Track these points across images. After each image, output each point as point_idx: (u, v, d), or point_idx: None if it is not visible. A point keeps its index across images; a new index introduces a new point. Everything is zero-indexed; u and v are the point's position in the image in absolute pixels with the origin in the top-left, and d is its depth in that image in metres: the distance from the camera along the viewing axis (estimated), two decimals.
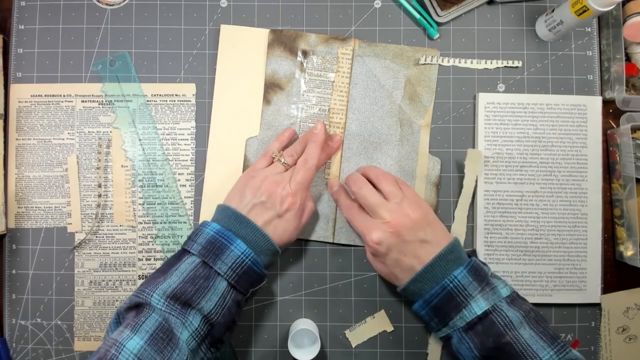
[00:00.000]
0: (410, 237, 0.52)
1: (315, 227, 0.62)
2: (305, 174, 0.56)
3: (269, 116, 0.63)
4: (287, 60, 0.63)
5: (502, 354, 0.47)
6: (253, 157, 0.62)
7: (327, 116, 0.63)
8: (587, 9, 0.55)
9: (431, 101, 0.63)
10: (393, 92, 0.63)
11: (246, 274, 0.52)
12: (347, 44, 0.63)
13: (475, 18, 0.64)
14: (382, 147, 0.63)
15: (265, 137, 0.63)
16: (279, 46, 0.63)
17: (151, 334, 0.45)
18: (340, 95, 0.63)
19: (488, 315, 0.48)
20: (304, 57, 0.63)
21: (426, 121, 0.63)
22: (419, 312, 0.52)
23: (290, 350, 0.57)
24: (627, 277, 0.63)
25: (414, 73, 0.63)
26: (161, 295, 0.48)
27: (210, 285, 0.50)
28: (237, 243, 0.51)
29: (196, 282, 0.49)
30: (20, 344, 0.62)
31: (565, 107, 0.62)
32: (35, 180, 0.63)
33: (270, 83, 0.63)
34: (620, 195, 0.62)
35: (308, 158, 0.57)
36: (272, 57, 0.63)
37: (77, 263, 0.63)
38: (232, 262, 0.51)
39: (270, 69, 0.63)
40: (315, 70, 0.63)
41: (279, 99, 0.63)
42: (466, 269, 0.50)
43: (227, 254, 0.51)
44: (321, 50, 0.63)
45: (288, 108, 0.63)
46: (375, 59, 0.63)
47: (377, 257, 0.54)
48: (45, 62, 0.64)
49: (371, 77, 0.63)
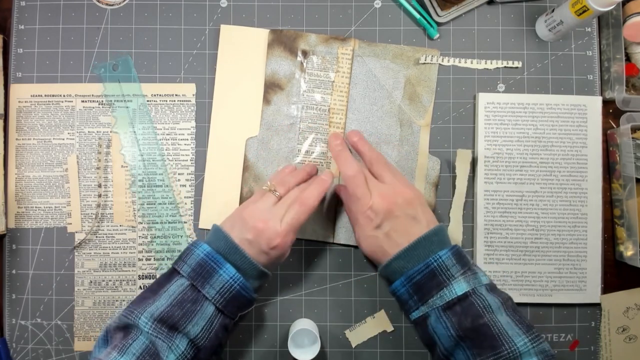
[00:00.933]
0: (401, 213, 0.52)
1: (315, 227, 0.62)
2: (300, 214, 0.53)
3: (268, 116, 0.63)
4: (287, 60, 0.63)
5: (478, 335, 0.47)
6: (253, 157, 0.62)
7: (327, 116, 0.63)
8: (587, 9, 0.55)
9: (431, 101, 0.63)
10: (393, 92, 0.63)
11: (235, 298, 0.51)
12: (347, 44, 0.63)
13: (475, 18, 0.64)
14: (381, 147, 0.63)
15: (265, 137, 0.63)
16: (279, 46, 0.63)
17: (137, 356, 0.46)
18: (340, 95, 0.63)
19: (468, 297, 0.49)
20: (304, 57, 0.63)
21: (426, 121, 0.63)
22: (398, 291, 0.51)
23: (290, 350, 0.57)
24: (627, 277, 0.63)
25: (414, 73, 0.63)
26: (149, 318, 0.48)
27: (198, 310, 0.49)
28: (226, 267, 0.51)
29: (184, 305, 0.49)
30: (20, 344, 0.62)
31: (565, 107, 0.62)
32: (35, 180, 0.63)
33: (270, 83, 0.63)
34: (620, 195, 0.62)
35: (308, 198, 0.54)
36: (272, 57, 0.63)
37: (77, 263, 0.63)
38: (221, 287, 0.50)
39: (270, 69, 0.63)
40: (315, 70, 0.63)
41: (279, 99, 0.63)
42: (451, 251, 0.50)
43: (216, 278, 0.50)
44: (321, 50, 0.63)
45: (288, 108, 0.63)
46: (375, 59, 0.63)
47: (368, 227, 0.53)
48: (45, 62, 0.64)
49: (371, 77, 0.63)
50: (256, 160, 0.62)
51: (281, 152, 0.63)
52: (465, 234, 0.63)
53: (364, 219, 0.54)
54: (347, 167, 0.55)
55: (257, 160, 0.62)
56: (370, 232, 0.53)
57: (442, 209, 0.63)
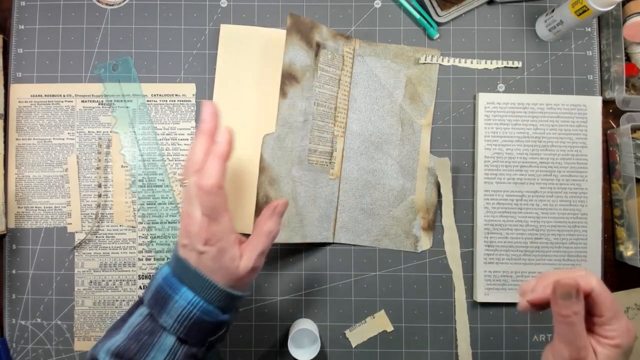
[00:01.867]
0: None
1: (316, 227, 0.62)
2: (206, 201, 0.44)
3: (285, 110, 0.59)
4: (303, 50, 0.59)
5: None
6: (269, 156, 0.58)
7: (333, 114, 0.62)
8: (587, 9, 0.55)
9: (432, 101, 0.63)
10: (394, 91, 0.63)
11: (197, 325, 0.44)
12: (350, 42, 0.63)
13: (475, 18, 0.64)
14: (383, 147, 0.63)
15: (281, 133, 0.59)
16: (297, 34, 0.59)
17: None
18: (344, 94, 0.62)
19: None
20: (317, 50, 0.60)
21: (427, 121, 0.63)
22: None
23: (290, 350, 0.57)
24: (627, 277, 0.63)
25: (414, 73, 0.63)
26: (106, 353, 0.44)
27: (155, 342, 0.44)
28: (182, 292, 0.44)
29: (140, 337, 0.44)
30: (20, 344, 0.62)
31: (565, 107, 0.62)
32: (35, 180, 0.63)
33: (287, 74, 0.58)
34: (620, 195, 0.62)
35: (204, 179, 0.45)
36: (291, 46, 0.58)
37: (77, 263, 0.63)
38: (178, 315, 0.44)
39: (288, 58, 0.58)
40: (326, 66, 0.61)
41: (295, 93, 0.59)
42: None
43: (172, 305, 0.44)
44: (331, 46, 0.62)
45: (302, 103, 0.60)
46: (376, 58, 0.63)
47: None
48: (45, 62, 0.64)
49: (372, 77, 0.63)
50: (272, 161, 0.58)
51: (294, 151, 0.60)
52: (465, 234, 0.63)
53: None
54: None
55: (272, 161, 0.59)
56: None
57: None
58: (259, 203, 0.57)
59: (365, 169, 0.63)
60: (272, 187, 0.58)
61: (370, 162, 0.63)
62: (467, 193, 0.63)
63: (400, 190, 0.63)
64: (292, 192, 0.60)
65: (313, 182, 0.61)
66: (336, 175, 0.62)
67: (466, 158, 0.63)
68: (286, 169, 0.59)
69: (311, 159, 0.61)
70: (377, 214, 0.63)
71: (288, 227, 0.59)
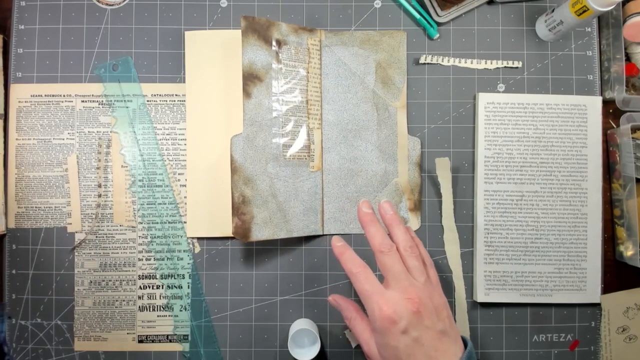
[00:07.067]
0: (431, 324, 0.45)
1: (301, 220, 0.62)
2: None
3: (251, 110, 0.59)
4: (262, 49, 0.60)
5: None
6: (240, 157, 0.59)
7: (305, 108, 0.62)
8: (587, 9, 0.55)
9: (404, 82, 0.63)
10: (365, 77, 0.63)
11: None
12: (314, 35, 0.63)
13: (475, 18, 0.64)
14: (361, 134, 0.63)
15: (250, 133, 0.59)
16: (253, 34, 0.60)
17: None
18: (314, 86, 0.62)
19: None
20: (278, 47, 0.61)
21: (401, 102, 0.63)
22: None
23: (290, 350, 0.57)
24: (627, 277, 0.63)
25: (383, 57, 0.63)
26: None
27: None
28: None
29: None
30: (20, 344, 0.62)
31: (565, 107, 0.62)
32: (35, 180, 0.63)
33: (249, 74, 0.59)
34: (620, 195, 0.62)
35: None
36: (248, 46, 0.59)
37: (77, 263, 0.63)
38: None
39: (247, 59, 0.59)
40: (291, 61, 0.61)
41: (260, 92, 0.60)
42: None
43: None
44: (293, 41, 0.62)
45: (269, 101, 0.60)
46: (343, 47, 0.63)
47: (385, 335, 0.45)
48: (45, 62, 0.64)
49: (341, 66, 0.63)
50: (244, 161, 0.59)
51: (267, 148, 0.60)
52: (465, 234, 0.63)
53: (380, 322, 0.46)
54: (350, 266, 0.49)
55: (244, 161, 0.59)
56: (384, 343, 0.46)
57: (434, 210, 0.63)
58: (235, 203, 0.58)
59: (346, 157, 0.63)
60: (248, 186, 0.59)
61: (350, 150, 0.63)
62: (467, 193, 0.63)
63: (383, 174, 0.63)
64: (271, 189, 0.60)
65: (292, 176, 0.61)
66: (317, 168, 0.62)
67: (466, 158, 0.63)
68: (260, 167, 0.60)
69: (287, 155, 0.61)
70: None
71: (271, 224, 0.59)
